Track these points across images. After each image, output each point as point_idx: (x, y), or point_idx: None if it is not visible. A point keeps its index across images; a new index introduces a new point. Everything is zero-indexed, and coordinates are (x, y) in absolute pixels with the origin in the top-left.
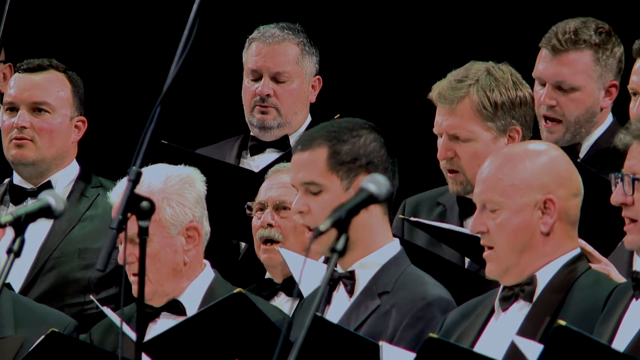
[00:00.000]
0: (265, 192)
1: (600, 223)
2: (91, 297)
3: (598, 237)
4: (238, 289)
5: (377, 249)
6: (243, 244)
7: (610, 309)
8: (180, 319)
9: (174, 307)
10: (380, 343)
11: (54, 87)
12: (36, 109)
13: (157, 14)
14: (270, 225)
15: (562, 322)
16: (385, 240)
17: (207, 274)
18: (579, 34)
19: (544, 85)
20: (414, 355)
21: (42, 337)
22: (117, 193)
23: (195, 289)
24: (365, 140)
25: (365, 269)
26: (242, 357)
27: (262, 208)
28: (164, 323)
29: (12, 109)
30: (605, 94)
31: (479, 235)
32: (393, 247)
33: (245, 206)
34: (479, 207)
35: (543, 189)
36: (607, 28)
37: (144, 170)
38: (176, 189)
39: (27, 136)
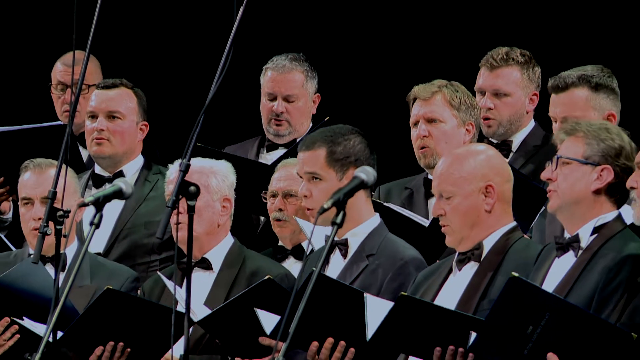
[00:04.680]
0: (276, 183)
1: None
2: (158, 264)
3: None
4: (268, 276)
5: (363, 222)
6: (262, 219)
7: (539, 264)
8: (207, 272)
9: (203, 262)
10: (365, 294)
11: (124, 99)
12: (111, 116)
13: (197, 37)
14: (280, 209)
15: (515, 274)
16: (369, 215)
17: (228, 240)
18: (510, 54)
19: (483, 94)
20: (391, 303)
21: (100, 293)
22: (172, 172)
23: (220, 249)
24: (354, 143)
25: (355, 236)
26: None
27: (274, 195)
28: (197, 276)
29: (93, 116)
30: (529, 101)
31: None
32: (375, 220)
33: (262, 194)
34: (437, 196)
35: (484, 177)
36: (528, 54)
37: (210, 161)
38: (222, 170)
39: (104, 137)
